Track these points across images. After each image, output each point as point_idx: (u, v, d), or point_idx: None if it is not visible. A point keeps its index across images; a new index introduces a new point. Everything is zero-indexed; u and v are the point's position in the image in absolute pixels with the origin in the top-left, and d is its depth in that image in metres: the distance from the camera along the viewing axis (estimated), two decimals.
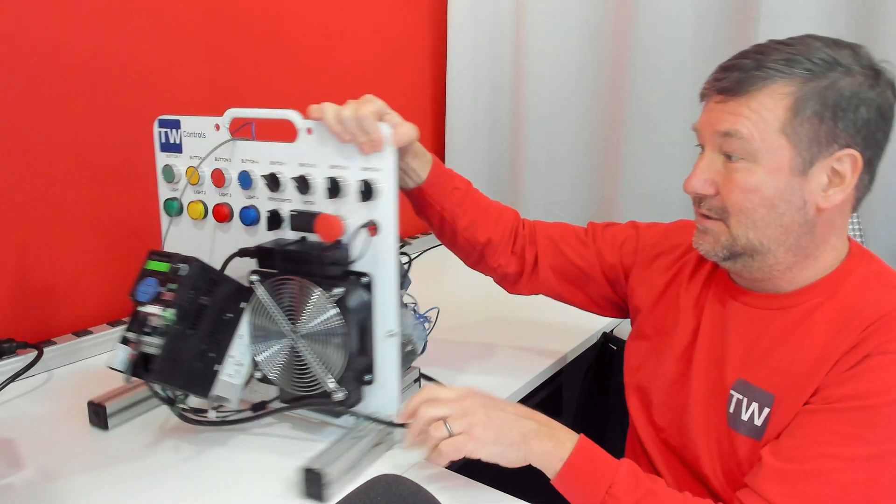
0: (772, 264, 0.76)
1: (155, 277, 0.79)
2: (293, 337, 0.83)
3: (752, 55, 0.73)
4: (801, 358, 0.72)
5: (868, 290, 0.73)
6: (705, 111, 0.77)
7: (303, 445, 0.85)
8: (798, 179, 0.72)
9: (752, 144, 0.71)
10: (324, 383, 0.81)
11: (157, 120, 0.94)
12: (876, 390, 0.66)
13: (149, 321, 0.78)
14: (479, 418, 0.74)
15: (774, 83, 0.71)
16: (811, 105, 0.70)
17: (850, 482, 0.65)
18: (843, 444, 0.66)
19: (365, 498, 0.61)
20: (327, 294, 0.79)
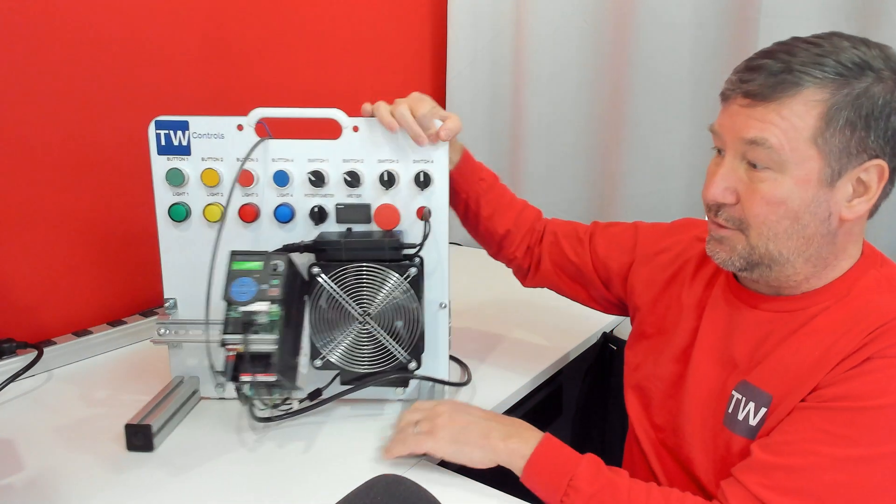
0: (790, 274, 0.74)
1: (249, 277, 0.80)
2: (364, 320, 0.88)
3: (779, 55, 0.69)
4: (801, 359, 0.71)
5: (877, 295, 0.71)
6: (727, 113, 0.73)
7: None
8: (825, 191, 0.69)
9: (781, 154, 0.68)
10: (399, 356, 0.89)
11: (154, 121, 0.89)
12: (871, 393, 0.65)
13: (255, 319, 0.78)
14: (442, 420, 0.81)
15: (806, 89, 0.67)
16: (844, 114, 0.67)
17: (834, 482, 0.64)
18: (832, 443, 0.65)
19: (365, 498, 0.61)
20: (402, 276, 0.87)
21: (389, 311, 0.88)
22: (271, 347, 0.78)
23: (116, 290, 1.23)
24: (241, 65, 1.38)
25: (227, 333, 0.78)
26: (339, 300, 0.87)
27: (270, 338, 0.78)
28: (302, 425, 0.91)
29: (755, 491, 0.66)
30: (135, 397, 0.99)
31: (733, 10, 1.48)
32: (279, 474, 0.81)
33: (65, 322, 1.17)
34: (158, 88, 1.24)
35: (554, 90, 1.74)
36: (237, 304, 0.79)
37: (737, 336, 0.79)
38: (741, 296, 0.80)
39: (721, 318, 0.82)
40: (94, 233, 1.19)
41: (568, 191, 1.79)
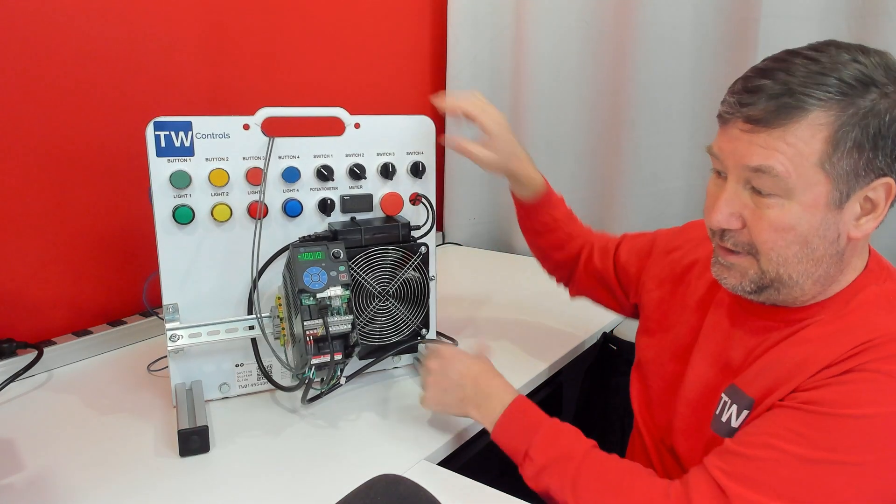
0: (797, 295, 0.73)
1: (316, 266, 0.86)
2: (384, 297, 0.99)
3: (777, 74, 0.66)
4: (784, 363, 0.71)
5: (873, 311, 0.70)
6: (728, 138, 0.70)
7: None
8: (834, 213, 0.67)
9: (788, 181, 0.66)
10: (414, 325, 1.03)
11: (152, 122, 0.87)
12: (845, 402, 0.64)
13: (332, 303, 0.85)
14: (431, 380, 0.90)
15: (811, 113, 0.64)
16: (852, 136, 0.64)
17: (790, 479, 0.63)
18: (794, 441, 0.64)
19: (365, 498, 0.61)
20: (415, 256, 1.00)
21: (407, 287, 1.01)
22: (347, 327, 0.86)
23: (116, 290, 1.23)
24: (240, 65, 1.38)
25: (305, 321, 0.84)
26: (360, 281, 0.97)
27: (346, 318, 0.86)
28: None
29: (713, 474, 0.67)
30: (135, 397, 1.00)
31: (733, 11, 1.48)
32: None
33: (65, 322, 1.17)
34: (159, 88, 1.24)
35: (554, 90, 1.74)
36: (313, 292, 0.84)
37: (735, 341, 0.79)
38: (742, 302, 0.80)
39: (722, 321, 0.82)
40: (94, 233, 1.19)
41: (568, 191, 1.78)
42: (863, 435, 0.63)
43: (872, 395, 0.63)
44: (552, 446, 0.76)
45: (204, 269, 0.92)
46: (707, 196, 0.76)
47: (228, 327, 0.93)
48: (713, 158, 0.73)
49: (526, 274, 1.66)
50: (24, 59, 1.07)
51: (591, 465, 0.74)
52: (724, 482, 0.66)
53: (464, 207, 1.94)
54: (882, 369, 0.64)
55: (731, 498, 0.64)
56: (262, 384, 0.99)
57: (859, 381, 0.64)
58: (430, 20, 1.86)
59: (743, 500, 0.64)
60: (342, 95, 1.62)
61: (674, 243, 0.96)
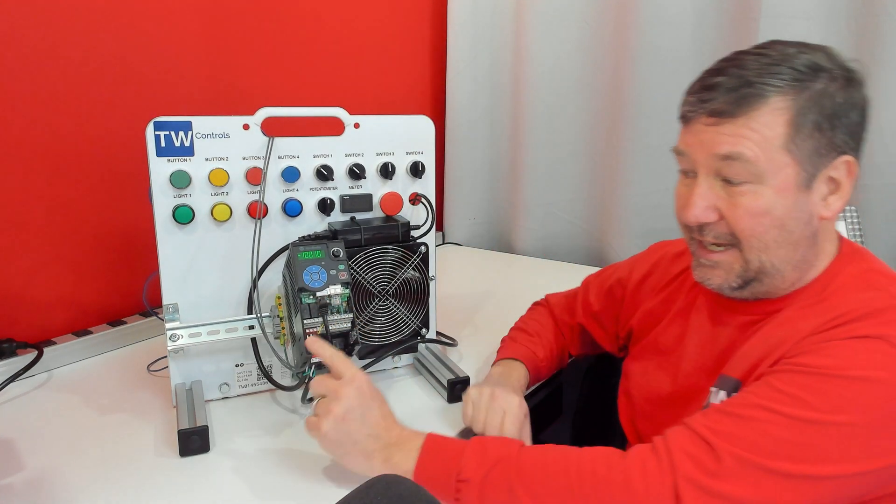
0: (778, 284, 0.75)
1: (316, 264, 0.85)
2: (383, 296, 0.99)
3: (731, 70, 0.71)
4: (768, 342, 0.72)
5: (853, 292, 0.72)
6: (693, 134, 0.73)
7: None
8: (804, 194, 0.71)
9: (758, 166, 0.69)
10: (413, 324, 1.03)
11: (152, 122, 0.86)
12: (833, 364, 0.65)
13: (332, 302, 0.85)
14: (336, 412, 0.75)
15: (770, 98, 0.69)
16: (810, 117, 0.69)
17: (782, 438, 0.63)
18: (787, 403, 0.64)
19: (364, 498, 0.61)
20: (415, 255, 1.00)
21: (407, 286, 1.01)
22: (347, 326, 0.85)
23: (116, 290, 1.23)
24: (240, 65, 1.38)
25: (305, 320, 0.84)
26: (360, 280, 0.97)
27: (346, 317, 0.85)
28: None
29: (699, 431, 0.65)
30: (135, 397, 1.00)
31: (733, 10, 1.48)
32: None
33: (65, 322, 1.17)
34: (159, 88, 1.24)
35: (554, 90, 1.74)
36: (313, 290, 0.84)
37: (720, 341, 0.80)
38: (723, 302, 0.81)
39: (705, 325, 0.83)
40: (94, 233, 1.19)
41: (568, 190, 1.79)
42: (853, 396, 0.63)
43: (861, 358, 0.64)
44: (482, 460, 0.70)
45: (204, 268, 0.93)
46: (677, 198, 0.78)
47: (228, 327, 0.93)
48: (680, 158, 0.76)
49: (526, 274, 1.66)
50: (25, 59, 1.07)
51: (530, 457, 0.70)
52: (711, 438, 0.64)
53: (464, 207, 1.94)
54: (871, 334, 0.65)
55: (720, 453, 0.63)
56: (262, 384, 0.99)
57: (846, 346, 0.65)
58: (430, 20, 1.86)
59: (733, 456, 0.63)
60: (342, 95, 1.62)
61: (642, 270, 0.98)
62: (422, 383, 1.04)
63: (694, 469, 0.63)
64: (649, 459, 0.65)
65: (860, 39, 1.36)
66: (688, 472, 0.63)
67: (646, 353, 0.91)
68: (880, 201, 1.36)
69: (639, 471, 0.65)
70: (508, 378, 0.94)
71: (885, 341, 0.64)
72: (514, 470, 0.69)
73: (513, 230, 1.88)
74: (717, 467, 0.63)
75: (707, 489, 0.62)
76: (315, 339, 0.81)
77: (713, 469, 0.63)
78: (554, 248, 1.83)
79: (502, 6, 1.79)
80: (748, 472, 0.62)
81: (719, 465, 0.62)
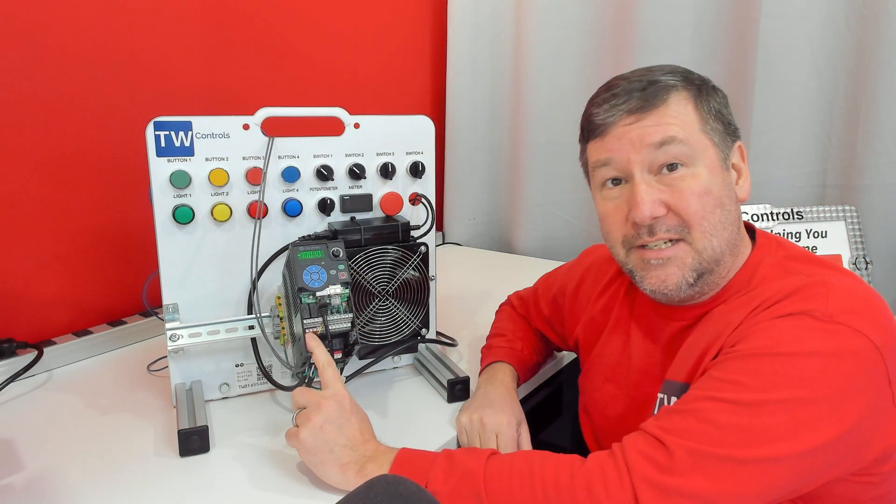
0: (721, 271, 0.76)
1: (316, 264, 0.85)
2: (383, 296, 0.98)
3: (624, 81, 0.77)
4: (704, 339, 0.73)
5: (772, 281, 0.74)
6: (614, 137, 0.75)
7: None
8: (727, 174, 0.76)
9: (690, 146, 0.73)
10: (413, 324, 1.02)
11: (153, 122, 0.86)
12: (763, 344, 0.66)
13: (332, 302, 0.84)
14: (315, 421, 0.76)
15: (676, 91, 0.75)
16: (710, 104, 0.75)
17: (728, 423, 0.63)
18: (727, 389, 0.65)
19: (365, 498, 0.61)
20: (415, 255, 0.99)
21: (407, 286, 1.01)
22: (347, 325, 0.85)
23: (116, 290, 1.23)
24: (240, 65, 1.38)
25: (305, 320, 0.84)
26: (360, 280, 0.96)
27: (346, 317, 0.85)
28: None
29: (652, 432, 0.66)
30: (135, 397, 1.00)
31: (733, 10, 1.48)
32: None
33: (65, 322, 1.17)
34: (159, 88, 1.24)
35: (554, 90, 1.74)
36: (313, 290, 0.84)
37: (660, 350, 0.81)
38: (658, 309, 0.83)
39: (644, 336, 0.84)
40: (94, 233, 1.19)
41: (568, 190, 1.79)
42: (792, 371, 0.64)
43: (789, 335, 0.66)
44: (451, 473, 0.70)
45: (204, 268, 0.93)
46: (607, 214, 0.78)
47: (228, 327, 0.93)
48: (602, 169, 0.77)
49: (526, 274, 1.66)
50: (25, 59, 1.07)
51: (496, 468, 0.69)
52: (663, 437, 0.65)
53: (464, 207, 1.94)
54: (794, 311, 0.67)
55: (672, 448, 0.63)
56: (262, 384, 0.99)
57: (772, 327, 0.67)
58: (430, 20, 1.86)
59: (684, 449, 0.63)
60: (342, 95, 1.62)
61: (576, 278, 0.99)
62: (422, 383, 1.04)
63: (649, 468, 0.63)
64: (607, 465, 0.65)
65: (860, 39, 1.36)
66: (643, 472, 0.63)
67: (594, 368, 0.92)
68: (880, 201, 1.36)
69: (599, 477, 0.65)
70: (494, 383, 0.93)
71: (809, 315, 0.66)
72: (480, 481, 0.68)
73: (513, 230, 1.88)
74: (669, 463, 0.63)
75: (663, 487, 0.62)
76: (313, 338, 0.82)
77: (666, 465, 0.63)
78: (554, 248, 1.83)
79: (502, 6, 1.79)
80: (701, 463, 0.62)
81: (672, 460, 0.63)
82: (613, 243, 0.79)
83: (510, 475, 0.68)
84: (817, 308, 0.66)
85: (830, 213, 1.34)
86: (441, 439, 0.88)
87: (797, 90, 1.42)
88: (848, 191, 1.41)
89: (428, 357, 1.06)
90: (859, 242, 1.33)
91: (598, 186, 0.79)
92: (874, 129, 1.35)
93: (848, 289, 0.69)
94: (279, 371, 1.00)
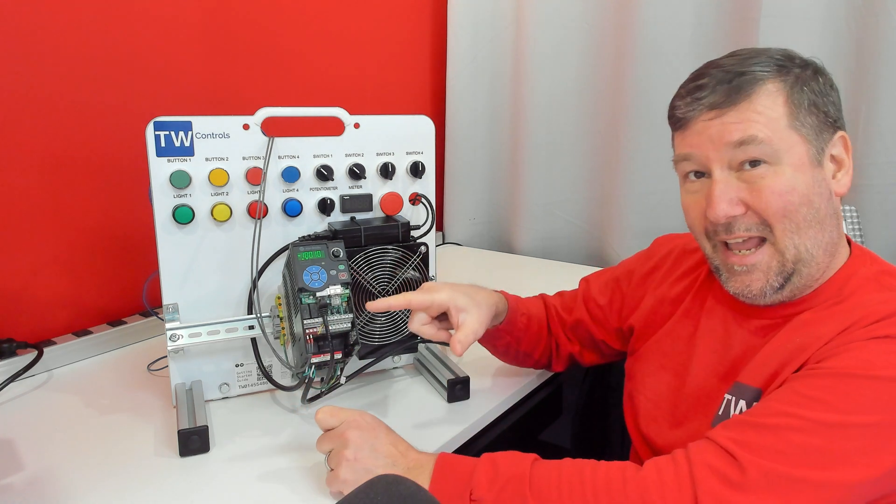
0: (813, 272, 0.73)
1: (316, 265, 0.85)
2: (383, 296, 0.97)
3: (712, 71, 0.73)
4: (788, 348, 0.70)
5: (867, 294, 0.71)
6: (694, 132, 0.73)
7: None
8: (818, 171, 0.72)
9: (772, 146, 0.69)
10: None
11: (153, 122, 0.86)
12: (854, 365, 0.64)
13: (332, 302, 0.85)
14: (347, 455, 0.74)
15: (765, 83, 0.70)
16: (805, 96, 0.71)
17: (805, 444, 0.61)
18: (808, 406, 0.63)
19: (365, 498, 0.61)
20: (415, 255, 0.99)
21: (407, 286, 1.00)
22: (347, 326, 0.85)
23: (116, 290, 1.23)
24: (240, 65, 1.38)
25: (305, 320, 0.84)
26: (360, 281, 0.96)
27: (346, 317, 0.86)
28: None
29: (722, 443, 0.63)
30: (135, 397, 1.00)
31: (733, 10, 1.48)
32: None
33: (65, 322, 1.17)
34: (159, 88, 1.24)
35: (554, 90, 1.74)
36: (313, 290, 0.84)
37: (735, 346, 0.78)
38: (737, 305, 0.79)
39: (717, 329, 0.81)
40: (94, 233, 1.19)
41: (568, 190, 1.79)
42: (876, 395, 0.62)
43: (883, 358, 0.64)
44: (495, 479, 0.68)
45: (204, 268, 0.93)
46: (689, 206, 0.77)
47: (228, 327, 0.93)
48: (685, 163, 0.75)
49: (526, 274, 1.66)
50: (25, 59, 1.07)
51: (543, 473, 0.68)
52: (734, 450, 0.62)
53: (464, 207, 1.94)
54: (891, 333, 0.64)
55: (745, 466, 0.61)
56: (262, 384, 0.99)
57: (865, 348, 0.65)
58: (430, 20, 1.86)
59: (758, 468, 0.60)
60: (342, 95, 1.62)
61: (649, 264, 0.95)
62: (422, 383, 1.04)
63: (717, 483, 0.61)
64: (667, 473, 0.63)
65: (860, 39, 1.36)
66: (710, 487, 0.61)
67: (650, 354, 0.89)
68: (880, 201, 1.36)
69: (656, 485, 0.63)
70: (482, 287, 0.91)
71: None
72: (527, 488, 0.67)
73: (513, 230, 1.88)
74: (742, 480, 0.60)
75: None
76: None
77: (738, 482, 0.60)
78: (554, 248, 1.83)
79: (502, 6, 1.79)
80: (775, 483, 0.60)
81: (744, 477, 0.60)
82: (698, 236, 0.78)
83: (559, 479, 0.66)
84: None
85: None
86: (441, 439, 0.88)
87: None
88: (848, 191, 1.41)
89: (428, 357, 1.06)
90: (859, 243, 1.33)
91: (682, 178, 0.78)
92: (874, 129, 1.35)
93: None
94: (279, 371, 1.00)
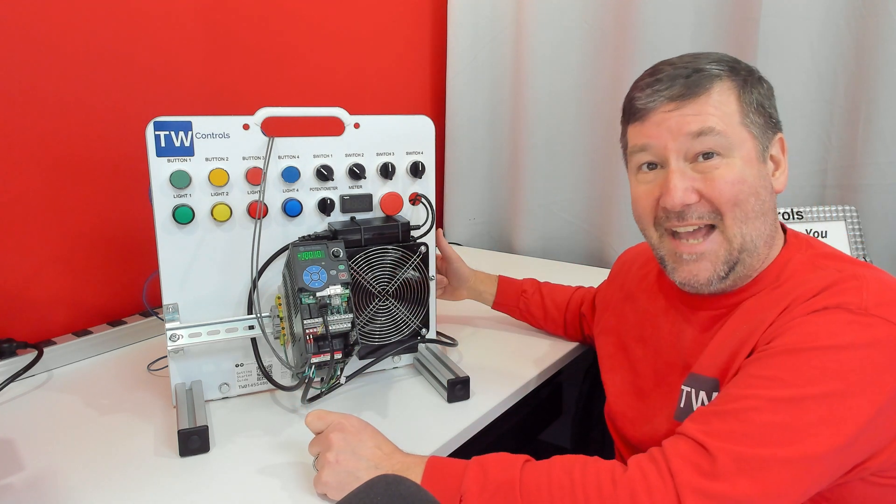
0: (754, 262, 0.77)
1: (316, 265, 0.85)
2: (383, 296, 0.99)
3: (670, 66, 0.77)
4: (737, 336, 0.73)
5: (802, 275, 0.74)
6: (653, 123, 0.76)
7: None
8: (763, 167, 0.76)
9: (727, 138, 0.73)
10: (414, 324, 1.03)
11: (153, 122, 0.86)
12: (800, 339, 0.66)
13: (332, 302, 0.84)
14: (329, 458, 0.74)
15: (720, 81, 0.74)
16: (754, 97, 0.75)
17: (768, 422, 0.63)
18: (765, 386, 0.65)
19: (365, 498, 0.61)
20: (415, 255, 1.00)
21: (407, 286, 1.01)
22: (347, 326, 0.85)
23: (116, 290, 1.23)
24: (240, 65, 1.38)
25: (305, 320, 0.83)
26: (360, 280, 0.97)
27: (346, 317, 0.85)
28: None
29: (693, 436, 0.65)
30: (135, 397, 1.00)
31: (733, 10, 1.48)
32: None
33: (65, 322, 1.17)
34: (159, 88, 1.24)
35: (554, 90, 1.74)
36: (313, 290, 0.84)
37: (685, 340, 0.82)
38: (685, 299, 0.83)
39: (669, 325, 0.85)
40: (94, 233, 1.19)
41: (568, 190, 1.79)
42: (830, 364, 0.64)
43: (824, 329, 0.66)
44: (485, 485, 0.68)
45: (204, 268, 0.92)
46: (640, 196, 0.80)
47: (228, 327, 0.93)
48: (640, 154, 0.79)
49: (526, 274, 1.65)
50: (25, 59, 1.07)
51: (533, 476, 0.68)
52: (703, 440, 0.64)
53: (464, 207, 1.94)
54: (828, 305, 0.67)
55: (715, 453, 0.63)
56: (262, 384, 0.99)
57: (808, 322, 0.67)
58: (430, 20, 1.86)
59: (727, 453, 0.62)
60: (342, 95, 1.62)
61: (608, 280, 1.06)
62: (422, 383, 1.04)
63: (693, 474, 0.63)
64: (650, 471, 0.65)
65: (860, 39, 1.36)
66: (687, 479, 0.62)
67: (606, 358, 0.95)
68: (880, 201, 1.36)
69: (642, 484, 0.64)
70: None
71: (843, 309, 0.67)
72: (517, 492, 0.67)
73: (513, 230, 1.88)
74: (713, 468, 0.62)
75: (708, 493, 0.61)
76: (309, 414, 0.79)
77: (710, 471, 0.62)
78: (554, 248, 1.83)
79: (502, 6, 1.79)
80: (745, 466, 0.62)
81: (715, 465, 0.62)
82: (645, 225, 0.81)
83: (549, 484, 0.67)
84: (851, 301, 0.67)
85: (830, 213, 1.34)
86: (441, 439, 0.88)
87: (797, 90, 1.42)
88: (848, 191, 1.41)
89: (428, 357, 1.06)
90: (859, 242, 1.33)
91: (634, 170, 0.81)
92: (874, 129, 1.35)
93: (880, 281, 0.69)
94: (279, 371, 1.00)
